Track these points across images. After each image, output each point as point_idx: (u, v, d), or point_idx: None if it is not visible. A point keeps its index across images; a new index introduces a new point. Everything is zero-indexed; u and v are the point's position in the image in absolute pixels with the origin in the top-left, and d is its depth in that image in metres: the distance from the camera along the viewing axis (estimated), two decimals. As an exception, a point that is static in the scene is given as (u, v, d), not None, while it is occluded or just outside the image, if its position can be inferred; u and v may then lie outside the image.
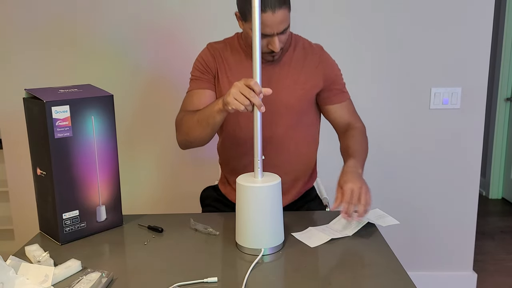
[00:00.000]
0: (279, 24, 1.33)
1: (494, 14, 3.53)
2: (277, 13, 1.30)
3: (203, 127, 1.38)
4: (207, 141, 1.45)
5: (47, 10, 2.15)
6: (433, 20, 2.14)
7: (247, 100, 1.18)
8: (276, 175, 1.26)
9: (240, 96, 1.19)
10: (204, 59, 1.52)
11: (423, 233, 2.37)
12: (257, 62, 1.20)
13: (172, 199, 2.35)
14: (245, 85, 1.19)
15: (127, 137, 2.26)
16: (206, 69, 1.51)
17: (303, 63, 1.51)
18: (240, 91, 1.19)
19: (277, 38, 1.36)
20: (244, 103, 1.18)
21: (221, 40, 1.58)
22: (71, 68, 2.21)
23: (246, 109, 1.20)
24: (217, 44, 1.54)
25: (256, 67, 1.20)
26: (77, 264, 1.14)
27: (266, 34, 1.34)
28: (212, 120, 1.33)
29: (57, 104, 1.22)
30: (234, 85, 1.21)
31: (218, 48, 1.52)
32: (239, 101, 1.19)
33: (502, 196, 3.92)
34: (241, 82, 1.20)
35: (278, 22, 1.32)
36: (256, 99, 1.18)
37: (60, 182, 1.27)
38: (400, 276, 1.09)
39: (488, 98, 3.77)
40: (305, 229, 1.37)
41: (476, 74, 2.19)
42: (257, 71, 1.20)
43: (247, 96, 1.18)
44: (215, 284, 1.07)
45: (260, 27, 1.20)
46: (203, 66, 1.52)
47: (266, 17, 1.30)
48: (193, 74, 1.54)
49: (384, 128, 2.26)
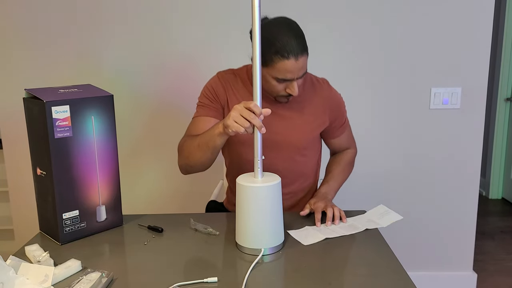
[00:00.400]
0: (300, 70, 1.35)
1: (494, 14, 3.53)
2: (299, 60, 1.33)
3: (203, 151, 1.38)
4: (207, 166, 1.45)
5: (47, 10, 2.15)
6: (433, 20, 2.14)
7: (247, 122, 1.19)
8: (276, 175, 1.26)
9: (240, 119, 1.20)
10: (214, 88, 1.52)
11: (423, 233, 2.37)
12: (257, 84, 1.20)
13: (172, 199, 2.35)
14: (245, 107, 1.20)
15: (127, 137, 2.26)
16: (215, 98, 1.51)
17: (311, 102, 1.53)
18: (240, 113, 1.20)
19: (296, 82, 1.38)
20: (244, 125, 1.19)
21: (230, 70, 1.57)
22: (71, 68, 2.21)
23: (247, 131, 1.21)
24: (227, 75, 1.54)
25: (257, 89, 1.20)
26: (77, 264, 1.14)
27: (287, 79, 1.36)
28: (212, 144, 1.34)
29: (57, 104, 1.22)
30: (234, 108, 1.22)
31: (229, 80, 1.53)
32: (240, 124, 1.20)
33: (502, 196, 3.92)
34: (240, 104, 1.22)
35: (300, 68, 1.34)
36: (256, 121, 1.19)
37: (60, 182, 1.27)
38: (400, 276, 1.09)
39: (488, 98, 3.77)
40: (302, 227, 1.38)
41: (476, 74, 2.19)
42: (257, 93, 1.20)
43: (247, 118, 1.19)
44: (215, 284, 1.07)
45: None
46: (212, 95, 1.52)
47: (288, 64, 1.32)
48: (201, 100, 1.54)
49: (384, 128, 2.26)
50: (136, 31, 2.16)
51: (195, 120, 1.54)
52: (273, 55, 1.31)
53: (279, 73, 1.34)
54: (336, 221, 1.38)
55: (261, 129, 1.19)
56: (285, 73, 1.34)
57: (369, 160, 2.27)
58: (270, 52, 1.31)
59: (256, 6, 1.17)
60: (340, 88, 2.20)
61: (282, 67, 1.32)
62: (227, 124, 1.22)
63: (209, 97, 1.52)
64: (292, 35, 1.31)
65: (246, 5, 2.13)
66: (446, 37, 2.15)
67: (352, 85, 2.21)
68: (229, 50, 2.18)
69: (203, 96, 1.54)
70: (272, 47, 1.31)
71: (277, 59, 1.31)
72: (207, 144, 1.36)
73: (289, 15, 2.12)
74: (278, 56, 1.31)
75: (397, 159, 2.29)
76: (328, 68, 2.18)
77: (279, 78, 1.36)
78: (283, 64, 1.32)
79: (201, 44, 2.18)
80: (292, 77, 1.35)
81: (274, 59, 1.32)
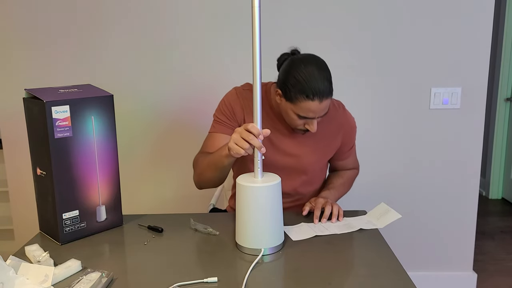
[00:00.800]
0: (322, 111, 1.36)
1: (494, 14, 3.53)
2: (323, 102, 1.34)
3: (213, 171, 1.42)
4: (219, 184, 1.49)
5: (47, 10, 2.15)
6: (433, 20, 2.14)
7: (246, 143, 1.21)
8: (276, 175, 1.26)
9: (240, 141, 1.22)
10: (233, 106, 1.51)
11: (423, 233, 2.37)
12: (257, 105, 1.21)
13: (172, 199, 2.35)
14: (244, 129, 1.23)
15: (127, 137, 2.26)
16: (232, 115, 1.51)
17: (326, 127, 1.52)
18: (241, 135, 1.22)
19: (316, 120, 1.39)
20: (244, 146, 1.22)
21: (247, 86, 1.56)
22: (71, 68, 2.21)
23: (247, 153, 1.23)
24: (245, 92, 1.53)
25: (257, 110, 1.21)
26: (77, 264, 1.14)
27: (308, 117, 1.37)
28: (221, 164, 1.37)
29: (57, 104, 1.22)
30: (235, 130, 1.25)
31: (246, 98, 1.51)
32: (239, 146, 1.22)
33: (502, 196, 3.92)
34: (241, 127, 1.24)
35: (322, 109, 1.36)
36: (255, 141, 1.21)
37: (60, 182, 1.27)
38: (400, 276, 1.09)
39: (488, 98, 3.77)
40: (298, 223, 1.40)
41: (476, 74, 2.19)
42: (257, 114, 1.22)
43: (247, 139, 1.21)
44: (215, 284, 1.07)
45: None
46: (230, 112, 1.51)
47: (312, 105, 1.33)
48: (218, 116, 1.53)
49: (384, 128, 2.26)
50: (136, 31, 2.16)
51: (210, 136, 1.54)
52: (299, 93, 1.32)
53: (301, 111, 1.35)
54: (333, 219, 1.41)
55: (260, 149, 1.22)
56: (307, 112, 1.35)
57: (369, 160, 2.27)
58: (296, 90, 1.32)
59: (256, 6, 1.17)
60: (340, 88, 2.20)
61: (306, 106, 1.33)
62: (229, 147, 1.26)
63: (226, 113, 1.51)
64: (320, 78, 1.32)
65: (246, 5, 2.13)
66: (446, 37, 2.15)
67: (352, 85, 2.20)
68: (229, 50, 2.18)
69: (220, 112, 1.53)
70: (299, 85, 1.32)
71: (302, 98, 1.32)
72: (216, 164, 1.39)
73: (289, 15, 2.14)
74: (303, 96, 1.32)
75: (397, 159, 2.29)
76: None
77: (301, 116, 1.37)
78: (306, 104, 1.33)
79: (202, 44, 2.18)
80: (314, 116, 1.37)
81: (299, 97, 1.33)
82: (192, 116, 2.25)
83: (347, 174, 1.68)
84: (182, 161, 2.29)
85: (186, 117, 2.26)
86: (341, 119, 1.56)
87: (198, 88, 2.22)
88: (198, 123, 2.25)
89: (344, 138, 1.57)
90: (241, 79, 2.19)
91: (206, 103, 2.24)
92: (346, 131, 1.57)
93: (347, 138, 1.59)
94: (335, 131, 1.55)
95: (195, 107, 2.24)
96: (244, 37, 2.17)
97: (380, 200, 2.30)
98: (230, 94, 1.54)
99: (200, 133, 2.26)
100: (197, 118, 2.24)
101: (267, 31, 2.15)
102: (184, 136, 2.27)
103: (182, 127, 2.27)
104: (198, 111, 2.24)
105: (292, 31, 2.15)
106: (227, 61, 2.19)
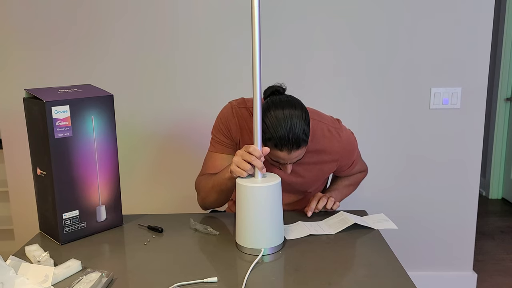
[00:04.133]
0: (294, 159, 1.33)
1: (494, 14, 3.53)
2: (292, 153, 1.30)
3: (218, 193, 1.42)
4: (225, 203, 1.50)
5: (47, 10, 2.15)
6: (433, 20, 2.14)
7: (248, 165, 1.22)
8: (276, 175, 1.26)
9: (242, 163, 1.23)
10: (229, 124, 1.47)
11: (423, 233, 2.37)
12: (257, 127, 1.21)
13: (172, 199, 2.35)
14: (246, 151, 1.23)
15: (127, 137, 2.26)
16: (228, 133, 1.47)
17: (323, 151, 1.48)
18: (242, 158, 1.23)
19: (290, 165, 1.36)
20: (246, 168, 1.22)
21: (243, 103, 1.49)
22: (71, 68, 2.21)
23: (249, 174, 1.24)
24: (242, 111, 1.47)
25: (257, 133, 1.22)
26: (77, 264, 1.14)
27: (279, 162, 1.34)
28: (225, 187, 1.37)
29: (57, 104, 1.22)
30: (236, 153, 1.26)
31: (243, 116, 1.46)
32: (242, 168, 1.23)
33: (502, 196, 3.92)
34: (242, 149, 1.25)
35: (295, 157, 1.32)
36: (256, 162, 1.22)
37: (60, 182, 1.27)
38: (400, 276, 1.09)
39: (488, 98, 3.77)
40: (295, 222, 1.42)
41: (476, 74, 2.19)
42: (257, 136, 1.22)
43: (249, 161, 1.22)
44: (215, 284, 1.07)
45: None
46: (227, 130, 1.47)
47: (281, 154, 1.29)
48: (215, 134, 1.50)
49: (384, 128, 2.26)
50: (136, 31, 2.16)
51: (210, 155, 1.51)
52: (267, 141, 1.28)
53: (272, 156, 1.32)
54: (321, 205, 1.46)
55: (262, 170, 1.22)
56: (277, 158, 1.32)
57: (369, 160, 2.27)
58: (265, 137, 1.28)
59: (256, 6, 1.17)
60: (340, 88, 2.21)
61: (274, 153, 1.30)
62: (231, 170, 1.26)
63: (223, 132, 1.48)
64: (291, 129, 1.25)
65: (247, 5, 2.13)
66: (446, 37, 2.15)
67: (352, 85, 2.20)
68: (229, 50, 2.18)
69: (218, 130, 1.49)
70: (268, 133, 1.27)
71: (271, 145, 1.28)
72: (220, 187, 1.39)
73: (289, 14, 2.13)
74: (272, 143, 1.27)
75: (397, 159, 2.29)
76: (328, 68, 2.18)
77: (272, 159, 1.34)
78: (275, 152, 1.30)
79: (202, 44, 2.17)
80: (285, 162, 1.34)
81: (268, 144, 1.28)
82: (192, 116, 2.25)
83: (353, 177, 1.65)
84: (182, 161, 2.29)
85: (186, 117, 2.26)
86: (336, 147, 1.48)
87: (198, 88, 2.22)
88: (198, 123, 2.25)
89: (340, 162, 1.52)
90: (241, 78, 2.20)
91: (206, 103, 2.24)
92: (343, 155, 1.50)
93: (344, 161, 1.52)
94: (331, 158, 1.49)
95: (195, 107, 2.24)
96: (244, 37, 2.17)
97: (379, 199, 2.31)
98: (226, 111, 1.49)
99: (200, 133, 2.26)
100: (197, 118, 2.24)
101: (267, 31, 2.15)
102: (184, 136, 2.27)
103: (182, 127, 2.27)
104: (198, 111, 2.24)
105: (292, 31, 2.15)
106: (227, 61, 2.19)
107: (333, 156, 1.49)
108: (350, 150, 1.52)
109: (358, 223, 1.37)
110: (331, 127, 1.48)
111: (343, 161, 1.52)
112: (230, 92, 2.21)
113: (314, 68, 2.19)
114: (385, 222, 1.41)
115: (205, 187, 1.45)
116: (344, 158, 1.51)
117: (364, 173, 1.70)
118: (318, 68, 2.19)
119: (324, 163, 1.49)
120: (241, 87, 2.21)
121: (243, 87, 2.21)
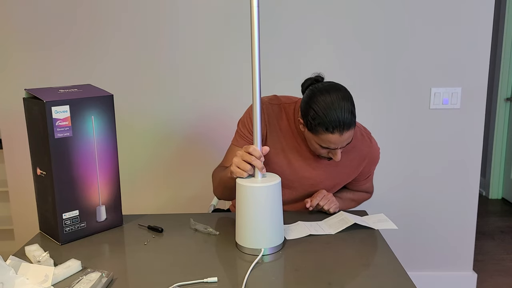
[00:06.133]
0: (344, 142, 1.33)
1: (494, 14, 3.53)
2: (344, 134, 1.30)
3: (223, 188, 1.46)
4: (233, 198, 1.52)
5: (47, 10, 2.15)
6: (433, 20, 2.14)
7: (248, 166, 1.23)
8: (276, 175, 1.26)
9: (242, 164, 1.23)
10: None
11: (423, 233, 2.37)
12: (257, 125, 1.21)
13: (172, 199, 2.35)
14: (245, 152, 1.23)
15: (127, 137, 2.26)
16: None
17: (350, 153, 1.49)
18: (242, 158, 1.23)
19: (339, 150, 1.37)
20: (246, 169, 1.23)
21: (276, 100, 1.50)
22: (71, 68, 2.21)
23: (249, 174, 1.24)
24: (273, 107, 1.48)
25: (257, 131, 1.22)
26: (77, 264, 1.14)
27: (329, 148, 1.35)
28: (229, 184, 1.39)
29: (57, 104, 1.22)
30: (236, 154, 1.26)
31: (273, 113, 1.47)
32: (241, 169, 1.23)
33: (502, 196, 3.92)
34: (242, 150, 1.25)
35: (344, 140, 1.33)
36: (256, 162, 1.22)
37: (60, 182, 1.27)
38: (400, 276, 1.09)
39: (488, 98, 3.77)
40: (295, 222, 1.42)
41: (476, 74, 2.19)
42: (257, 135, 1.22)
43: (249, 162, 1.22)
44: (215, 284, 1.07)
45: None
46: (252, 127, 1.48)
47: (333, 138, 1.30)
48: (241, 128, 1.49)
49: (384, 128, 2.26)
50: (136, 31, 2.16)
51: (231, 148, 1.52)
52: (318, 126, 1.30)
53: (323, 143, 1.33)
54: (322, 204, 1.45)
55: (262, 170, 1.23)
56: (328, 143, 1.33)
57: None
58: (316, 123, 1.30)
59: (255, 6, 1.17)
60: (340, 88, 2.21)
61: (326, 138, 1.31)
62: (231, 171, 1.26)
63: (248, 128, 1.47)
64: (340, 110, 1.28)
65: (247, 5, 2.13)
66: (446, 37, 2.15)
67: (352, 85, 2.20)
68: (229, 50, 2.18)
69: (244, 124, 1.48)
70: (318, 118, 1.29)
71: (322, 131, 1.30)
72: (225, 183, 1.42)
73: (289, 14, 2.14)
74: (323, 128, 1.29)
75: (397, 159, 2.29)
76: (329, 68, 2.18)
77: (323, 146, 1.35)
78: (327, 137, 1.30)
79: (202, 44, 2.18)
80: (336, 147, 1.34)
81: (319, 130, 1.30)
82: (192, 115, 2.25)
83: (359, 194, 1.65)
84: (183, 161, 2.29)
85: (186, 117, 2.26)
86: (365, 150, 1.51)
87: (198, 88, 2.22)
88: (198, 122, 2.25)
89: (364, 169, 1.54)
90: (241, 78, 2.20)
91: (206, 102, 2.24)
92: (368, 162, 1.53)
93: (367, 169, 1.55)
94: (357, 162, 1.51)
95: (195, 106, 2.24)
96: (244, 37, 2.17)
97: (379, 199, 2.31)
98: None
99: (200, 133, 2.26)
100: (197, 117, 2.24)
101: (267, 31, 2.15)
102: (184, 135, 2.27)
103: (182, 127, 2.27)
104: (198, 111, 2.24)
105: (292, 31, 2.15)
106: (227, 61, 2.19)
107: (360, 159, 1.51)
108: (375, 159, 1.55)
109: (358, 223, 1.37)
110: (363, 132, 1.54)
111: (366, 168, 1.54)
112: (231, 92, 2.21)
113: (314, 68, 2.19)
114: (385, 222, 1.41)
115: (216, 179, 1.50)
116: (368, 166, 1.54)
117: (369, 195, 1.70)
118: (318, 68, 2.19)
119: (351, 166, 1.50)
120: (241, 87, 2.21)
121: (243, 87, 2.21)
